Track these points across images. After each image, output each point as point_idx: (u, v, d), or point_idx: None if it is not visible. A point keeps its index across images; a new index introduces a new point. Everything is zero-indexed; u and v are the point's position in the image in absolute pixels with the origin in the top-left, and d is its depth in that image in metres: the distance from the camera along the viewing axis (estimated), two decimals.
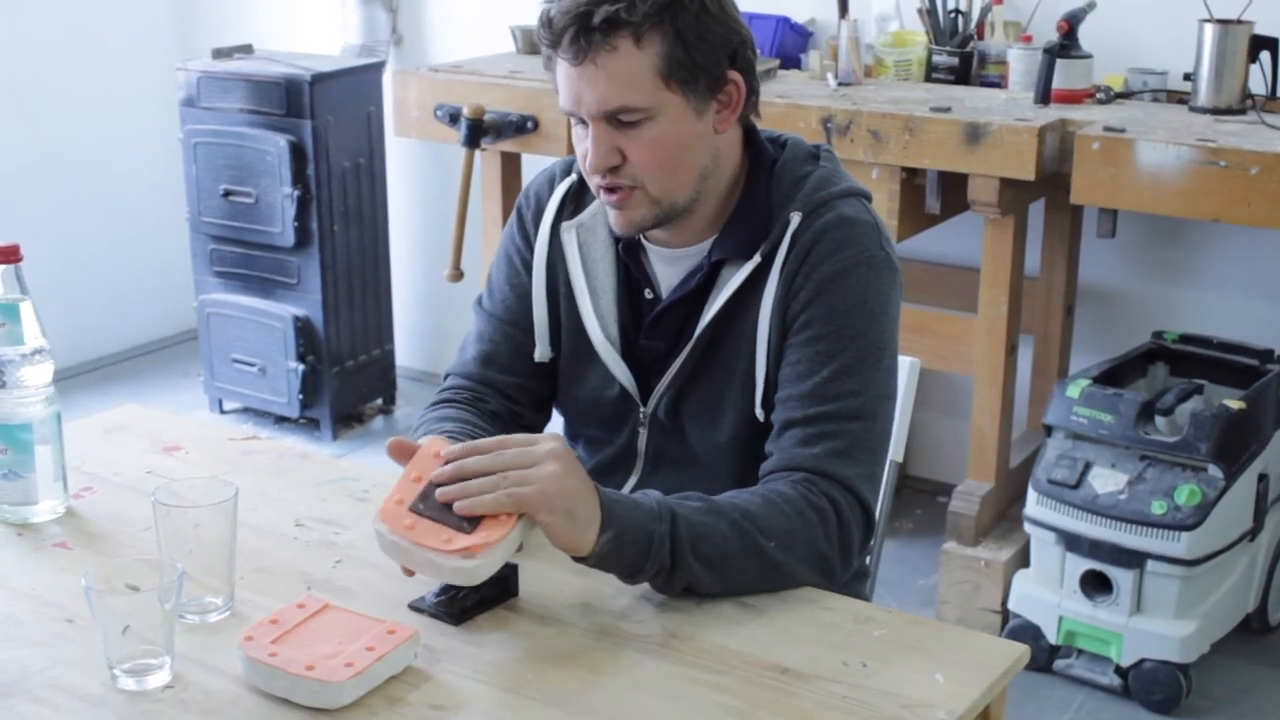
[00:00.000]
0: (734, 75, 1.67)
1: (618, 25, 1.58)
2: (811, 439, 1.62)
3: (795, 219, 1.69)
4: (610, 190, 1.67)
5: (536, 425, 1.87)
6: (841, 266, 1.66)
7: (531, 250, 1.83)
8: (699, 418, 1.76)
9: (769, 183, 1.72)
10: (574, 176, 1.83)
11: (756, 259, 1.69)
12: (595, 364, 1.80)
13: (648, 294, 1.78)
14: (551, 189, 1.84)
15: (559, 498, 1.41)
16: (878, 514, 1.68)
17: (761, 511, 1.53)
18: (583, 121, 1.65)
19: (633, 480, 1.82)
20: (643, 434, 1.81)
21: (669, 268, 1.77)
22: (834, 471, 1.60)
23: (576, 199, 1.83)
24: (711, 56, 1.63)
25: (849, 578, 1.64)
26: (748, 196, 1.73)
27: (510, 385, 1.83)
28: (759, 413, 1.70)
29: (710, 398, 1.74)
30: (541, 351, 1.83)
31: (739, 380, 1.72)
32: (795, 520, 1.54)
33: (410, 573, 1.47)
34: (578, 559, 1.46)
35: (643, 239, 1.77)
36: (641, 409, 1.79)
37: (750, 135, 1.76)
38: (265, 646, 1.35)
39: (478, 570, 1.40)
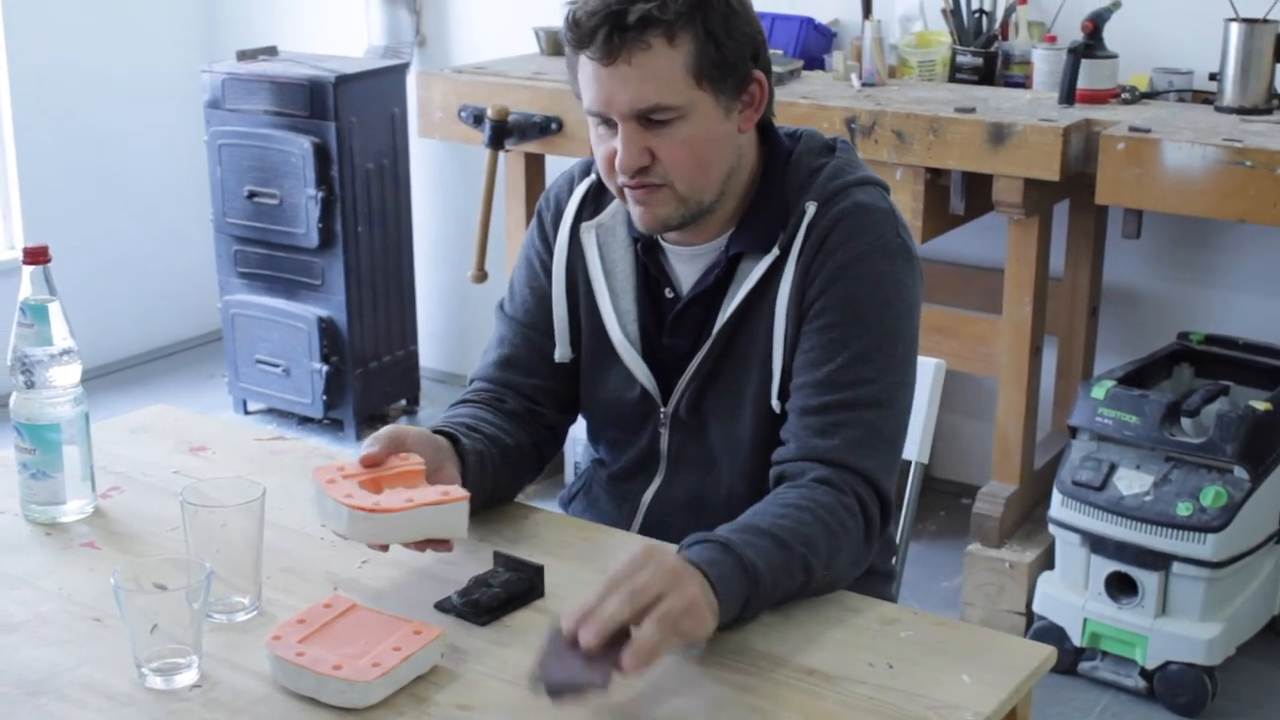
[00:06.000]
0: (758, 74, 1.67)
1: (651, 23, 1.57)
2: (829, 428, 1.62)
3: (811, 209, 1.68)
4: (637, 187, 1.66)
5: (560, 426, 1.87)
6: (856, 253, 1.65)
7: (551, 253, 1.83)
8: (719, 414, 1.76)
9: (784, 175, 1.72)
10: (593, 177, 1.82)
11: (775, 252, 1.69)
12: (616, 365, 1.80)
13: (668, 293, 1.77)
14: (571, 190, 1.84)
15: (699, 608, 1.36)
16: (902, 514, 1.67)
17: (820, 535, 1.52)
18: (606, 122, 1.64)
19: (657, 481, 1.82)
20: (664, 434, 1.80)
21: (687, 265, 1.76)
22: (854, 464, 1.60)
23: (596, 199, 1.82)
24: (739, 54, 1.63)
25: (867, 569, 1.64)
26: (764, 190, 1.72)
27: (531, 388, 1.83)
28: (775, 404, 1.70)
29: (730, 393, 1.74)
30: (561, 352, 1.82)
31: (757, 373, 1.71)
32: (842, 536, 1.55)
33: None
34: None
35: (660, 239, 1.77)
36: (662, 409, 1.79)
37: (765, 130, 1.75)
38: (293, 646, 1.35)
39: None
